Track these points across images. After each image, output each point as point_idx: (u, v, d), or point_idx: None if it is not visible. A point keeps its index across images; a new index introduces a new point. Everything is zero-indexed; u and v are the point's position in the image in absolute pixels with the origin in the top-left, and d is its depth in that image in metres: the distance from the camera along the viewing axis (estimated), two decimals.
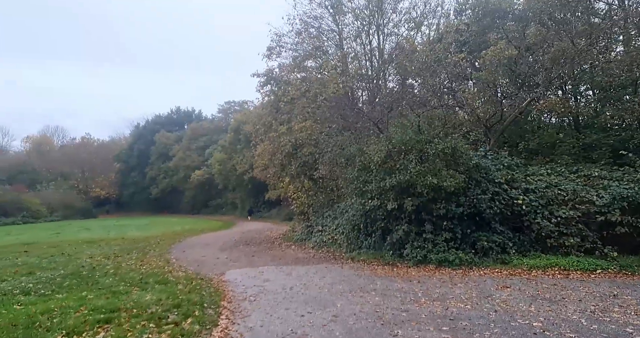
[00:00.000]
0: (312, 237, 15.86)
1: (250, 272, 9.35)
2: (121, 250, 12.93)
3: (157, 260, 10.63)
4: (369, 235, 11.80)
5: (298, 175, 17.27)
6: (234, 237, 19.92)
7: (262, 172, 25.12)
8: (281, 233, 22.35)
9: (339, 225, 14.13)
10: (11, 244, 15.05)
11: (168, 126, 58.18)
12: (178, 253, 12.89)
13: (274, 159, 17.37)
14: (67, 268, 9.02)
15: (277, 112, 17.76)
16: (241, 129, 39.88)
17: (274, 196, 35.04)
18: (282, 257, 12.38)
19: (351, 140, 11.79)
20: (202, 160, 47.56)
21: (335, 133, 13.35)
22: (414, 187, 10.11)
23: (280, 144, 16.70)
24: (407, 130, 10.38)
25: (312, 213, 19.32)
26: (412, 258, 9.90)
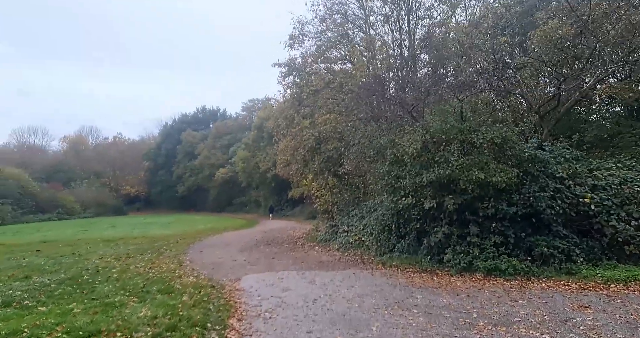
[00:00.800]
0: (337, 237, 14.56)
1: (269, 278, 8.17)
2: (136, 250, 12.16)
3: (170, 263, 9.68)
4: (401, 237, 10.38)
5: (322, 171, 16.00)
6: (256, 237, 18.93)
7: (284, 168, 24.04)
8: (304, 233, 21.21)
9: (367, 226, 12.76)
10: (29, 243, 14.67)
11: (194, 125, 58.41)
12: (194, 254, 11.95)
13: (297, 154, 16.20)
14: (69, 271, 8.19)
15: (300, 104, 16.58)
16: (264, 126, 39.09)
17: (297, 194, 33.99)
18: (304, 259, 11.16)
19: (381, 131, 10.39)
20: (227, 159, 47.23)
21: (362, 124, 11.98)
22: (456, 182, 8.62)
23: (303, 138, 15.49)
24: (447, 117, 8.87)
25: (336, 212, 18.07)
26: (455, 265, 8.41)
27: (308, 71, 16.29)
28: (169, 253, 11.65)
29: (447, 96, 9.15)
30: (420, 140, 8.84)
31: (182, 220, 34.37)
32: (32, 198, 43.09)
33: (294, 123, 17.50)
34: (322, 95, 15.86)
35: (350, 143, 11.90)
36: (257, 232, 21.79)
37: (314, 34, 16.45)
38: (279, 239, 17.89)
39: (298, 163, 16.84)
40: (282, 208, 39.18)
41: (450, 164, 8.38)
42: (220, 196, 51.23)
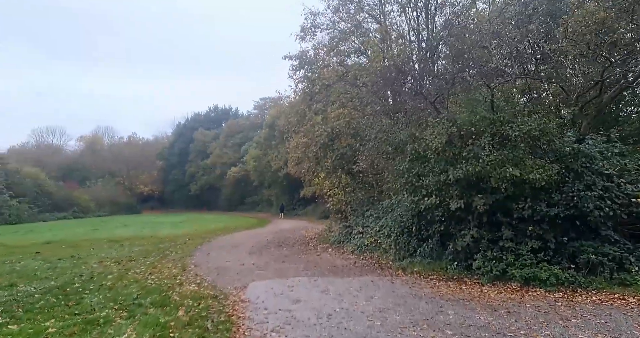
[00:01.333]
0: (352, 239, 13.68)
1: (278, 286, 7.36)
2: (140, 252, 11.54)
3: (173, 267, 8.97)
4: (423, 241, 9.43)
5: (334, 169, 15.13)
6: (266, 237, 18.19)
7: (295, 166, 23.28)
8: (316, 233, 20.40)
9: (384, 227, 11.84)
10: (33, 243, 14.22)
11: (206, 124, 58.22)
12: (201, 256, 11.24)
13: (308, 151, 15.37)
14: (61, 278, 7.55)
15: (311, 99, 15.73)
16: (276, 125, 38.43)
17: (309, 193, 33.18)
18: (317, 264, 10.32)
19: (400, 125, 9.45)
20: (238, 157, 46.79)
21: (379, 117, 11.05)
22: (486, 180, 7.64)
23: (315, 135, 14.65)
24: (476, 107, 7.88)
25: (350, 212, 17.18)
26: (486, 272, 7.44)
27: (320, 64, 15.43)
28: (174, 255, 10.98)
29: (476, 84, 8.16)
30: (445, 133, 7.88)
31: (194, 219, 33.99)
32: (48, 196, 43.49)
33: (306, 119, 16.68)
34: (335, 89, 14.98)
35: (365, 138, 10.98)
36: (268, 232, 21.07)
37: (327, 25, 15.56)
38: (291, 240, 17.12)
39: (310, 161, 16.02)
40: (294, 208, 38.47)
41: (481, 159, 7.41)
42: (232, 195, 50.87)
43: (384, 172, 13.24)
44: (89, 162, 58.63)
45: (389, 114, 10.68)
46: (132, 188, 58.57)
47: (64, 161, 56.63)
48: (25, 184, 41.25)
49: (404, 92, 10.16)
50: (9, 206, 37.54)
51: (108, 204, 50.70)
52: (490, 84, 7.83)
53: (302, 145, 16.12)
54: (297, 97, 16.49)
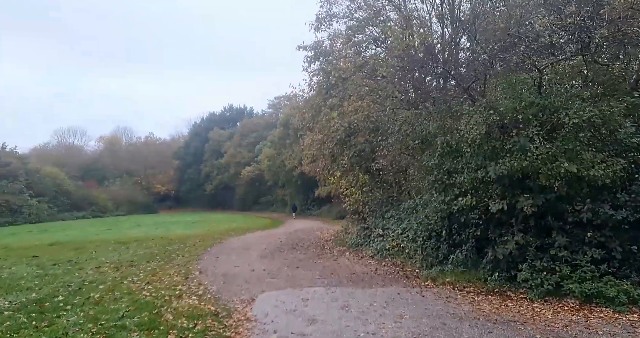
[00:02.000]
0: (371, 242, 12.59)
1: (290, 300, 6.36)
2: (144, 255, 10.76)
3: (175, 274, 8.10)
4: (455, 246, 8.26)
5: (352, 167, 14.07)
6: (280, 239, 17.28)
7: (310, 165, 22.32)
8: (332, 235, 19.38)
9: (407, 230, 10.71)
10: (36, 245, 13.67)
11: (221, 123, 57.90)
12: (208, 261, 10.37)
13: (324, 148, 14.34)
14: (45, 288, 6.72)
15: (327, 93, 14.67)
16: (290, 123, 37.55)
17: (324, 193, 32.17)
18: (334, 270, 9.28)
19: (428, 115, 8.29)
20: (252, 157, 46.16)
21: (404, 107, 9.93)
22: (534, 177, 6.45)
23: (331, 130, 13.61)
24: (521, 92, 6.68)
25: (368, 212, 16.09)
26: (535, 286, 6.25)
27: (336, 56, 14.35)
28: (180, 260, 10.14)
29: (521, 65, 6.94)
30: (484, 123, 6.71)
31: (208, 219, 33.47)
32: (67, 196, 43.90)
33: (321, 114, 15.64)
34: (353, 81, 13.90)
35: (388, 132, 9.87)
36: (281, 233, 20.17)
37: (343, 14, 14.46)
38: (305, 242, 16.15)
39: (325, 158, 14.99)
40: (308, 208, 37.55)
41: (530, 152, 6.21)
42: (246, 195, 50.35)
43: (407, 169, 12.12)
44: (107, 162, 59.26)
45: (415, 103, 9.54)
46: (149, 187, 58.87)
47: (84, 161, 57.37)
48: (45, 184, 41.71)
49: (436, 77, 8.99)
50: (29, 205, 37.96)
51: (126, 204, 50.96)
52: (538, 65, 6.62)
53: (317, 142, 15.10)
54: (312, 91, 15.46)
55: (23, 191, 38.35)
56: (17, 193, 37.57)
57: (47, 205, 40.14)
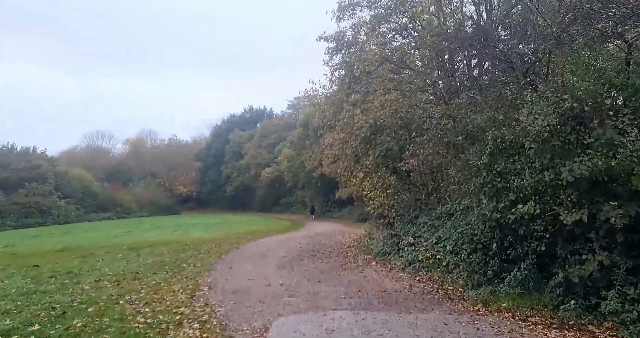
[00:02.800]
0: (400, 251, 11.20)
1: (311, 329, 5.15)
2: (153, 264, 9.82)
3: (181, 290, 7.04)
4: (509, 262, 6.81)
5: (377, 167, 12.76)
6: (300, 243, 16.12)
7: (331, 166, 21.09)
8: (355, 239, 18.06)
9: (444, 239, 9.28)
10: (45, 251, 13.03)
11: (241, 125, 57.69)
12: (221, 271, 9.31)
13: (346, 147, 13.10)
14: (24, 312, 5.68)
15: (349, 88, 13.42)
16: (310, 123, 36.52)
17: (345, 195, 30.89)
18: (361, 286, 7.99)
19: (475, 105, 6.89)
20: (272, 158, 45.47)
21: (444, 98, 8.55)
22: (624, 180, 4.96)
23: (354, 128, 12.35)
24: (604, 71, 5.19)
25: (394, 217, 14.72)
26: (631, 321, 4.75)
27: (360, 47, 13.07)
28: (190, 270, 9.12)
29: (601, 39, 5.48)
30: (553, 111, 5.27)
31: (228, 221, 32.82)
32: (94, 197, 44.60)
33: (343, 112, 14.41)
34: (378, 73, 12.60)
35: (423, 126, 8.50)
36: (302, 237, 19.01)
37: (367, 2, 13.18)
38: (327, 247, 14.91)
39: (348, 158, 13.75)
40: (329, 210, 36.33)
41: (619, 148, 4.74)
42: (266, 196, 49.68)
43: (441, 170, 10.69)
44: (132, 164, 60.14)
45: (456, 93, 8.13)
46: (172, 189, 59.28)
47: (109, 163, 58.41)
48: (73, 186, 42.45)
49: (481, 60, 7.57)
50: (58, 207, 38.62)
51: (149, 205, 51.42)
52: (627, 36, 5.14)
53: (339, 141, 13.88)
54: (333, 86, 14.26)
55: (52, 193, 39.08)
56: (47, 195, 38.30)
57: (74, 206, 40.79)
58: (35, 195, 36.74)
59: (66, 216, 38.85)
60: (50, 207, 37.78)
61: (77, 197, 42.15)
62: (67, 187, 41.61)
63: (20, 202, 35.50)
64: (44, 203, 37.11)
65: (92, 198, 44.25)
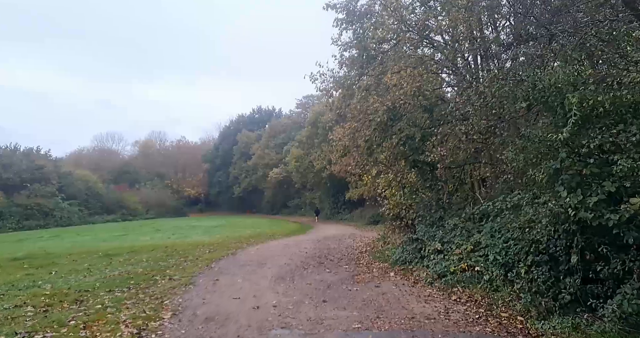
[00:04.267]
0: (424, 260, 9.15)
1: None
2: (117, 277, 7.79)
3: (130, 321, 4.92)
4: (595, 283, 4.71)
5: (395, 160, 10.72)
6: (305, 248, 14.18)
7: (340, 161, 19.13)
8: (367, 244, 16.08)
9: (485, 246, 7.19)
10: (4, 259, 11.21)
11: (250, 125, 56.11)
12: (202, 286, 7.38)
13: (358, 137, 11.08)
14: None
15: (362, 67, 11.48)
16: (319, 122, 34.70)
17: (355, 195, 28.85)
18: (380, 309, 5.98)
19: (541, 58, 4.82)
20: (280, 158, 43.65)
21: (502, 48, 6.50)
22: None
23: (368, 113, 10.34)
24: None
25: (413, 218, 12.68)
26: None
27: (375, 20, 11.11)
28: (161, 285, 7.17)
29: None
30: None
31: (233, 223, 31.09)
32: (98, 199, 43.51)
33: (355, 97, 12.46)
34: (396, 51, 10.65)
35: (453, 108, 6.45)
36: (308, 241, 17.07)
37: None
38: (336, 253, 12.93)
39: (360, 151, 11.71)
40: (338, 211, 34.29)
41: None
42: (274, 197, 47.92)
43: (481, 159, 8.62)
44: (139, 165, 59.23)
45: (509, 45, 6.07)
46: (180, 191, 58.06)
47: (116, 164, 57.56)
48: (76, 187, 41.38)
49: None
50: (60, 208, 37.54)
51: (156, 207, 50.20)
52: None
53: (350, 131, 11.88)
54: (344, 67, 12.30)
55: (55, 194, 38.05)
56: (50, 196, 37.26)
57: (77, 208, 39.70)
58: (37, 197, 35.70)
59: (69, 218, 37.74)
60: (53, 208, 36.68)
61: (81, 198, 41.09)
62: (71, 189, 40.59)
63: (21, 203, 34.47)
64: (46, 204, 36.04)
65: (97, 200, 43.16)
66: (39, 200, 35.85)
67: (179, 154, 64.36)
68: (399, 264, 10.09)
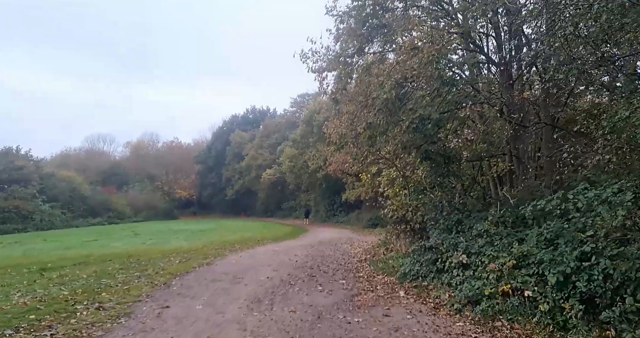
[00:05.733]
0: (444, 276, 7.00)
1: None
2: (20, 306, 5.62)
3: None
4: None
5: (404, 149, 8.58)
6: (296, 255, 12.04)
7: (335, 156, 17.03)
8: (366, 250, 13.99)
9: (544, 263, 5.04)
10: None
11: (243, 126, 53.85)
12: (140, 320, 5.19)
13: (358, 122, 8.92)
14: None
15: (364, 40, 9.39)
16: (314, 120, 32.64)
17: (352, 197, 26.73)
18: None
19: None
20: (274, 159, 41.47)
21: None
22: None
23: (370, 92, 8.23)
24: None
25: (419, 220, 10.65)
26: None
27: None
28: (82, 318, 4.96)
29: None
30: None
31: (222, 227, 28.77)
32: (83, 201, 40.94)
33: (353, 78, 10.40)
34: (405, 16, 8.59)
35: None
36: (300, 247, 14.89)
37: None
38: (331, 263, 10.77)
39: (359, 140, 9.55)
40: (334, 214, 32.13)
41: None
42: (268, 200, 45.63)
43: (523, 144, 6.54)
44: (131, 167, 56.71)
45: None
46: (170, 193, 55.51)
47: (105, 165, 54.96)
48: (59, 188, 38.83)
49: None
50: (41, 211, 34.94)
51: (145, 209, 47.65)
52: None
53: (348, 117, 9.75)
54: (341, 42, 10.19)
55: (35, 196, 35.49)
56: (29, 198, 34.70)
57: (60, 211, 37.13)
58: (15, 199, 33.14)
59: (50, 221, 35.14)
60: (32, 211, 34.09)
61: (64, 200, 38.53)
62: (54, 190, 38.04)
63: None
64: (25, 207, 33.45)
65: (82, 202, 40.59)
66: (17, 202, 33.31)
67: (170, 155, 61.92)
68: (409, 279, 7.96)
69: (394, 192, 12.67)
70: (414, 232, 11.46)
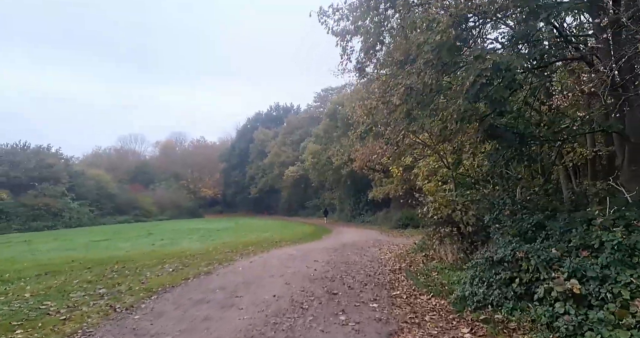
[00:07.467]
0: (535, 306, 4.40)
1: None
2: None
3: None
4: None
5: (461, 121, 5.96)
6: (316, 262, 9.76)
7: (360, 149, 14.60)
8: (398, 254, 11.53)
9: None
10: None
11: (267, 123, 52.32)
12: None
13: (393, 88, 6.44)
14: None
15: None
16: (338, 113, 30.25)
17: (380, 194, 24.04)
18: None
19: None
20: (297, 156, 39.44)
21: None
22: None
23: (410, 43, 5.73)
24: None
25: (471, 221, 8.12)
26: None
27: None
28: None
29: None
30: None
31: (242, 226, 27.00)
32: (111, 199, 40.78)
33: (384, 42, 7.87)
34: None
35: None
36: (321, 251, 12.57)
37: None
38: (357, 272, 8.37)
39: (394, 117, 7.04)
40: (360, 213, 29.54)
41: None
42: (291, 198, 43.69)
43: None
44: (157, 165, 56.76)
45: None
46: (196, 191, 54.93)
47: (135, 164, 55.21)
48: (87, 186, 38.76)
49: None
50: (70, 209, 34.80)
51: (171, 208, 47.13)
52: None
53: (380, 87, 7.30)
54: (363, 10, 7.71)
55: (65, 194, 35.43)
56: (59, 196, 34.63)
57: (88, 208, 36.97)
58: (45, 197, 33.07)
59: (79, 219, 34.96)
60: (62, 209, 33.95)
61: (92, 198, 38.40)
62: (82, 188, 37.98)
63: (28, 203, 31.84)
64: (55, 205, 33.33)
65: (109, 200, 40.43)
66: (47, 200, 33.22)
67: (196, 153, 61.62)
68: (471, 306, 5.41)
69: (435, 186, 10.07)
70: (463, 236, 8.86)
